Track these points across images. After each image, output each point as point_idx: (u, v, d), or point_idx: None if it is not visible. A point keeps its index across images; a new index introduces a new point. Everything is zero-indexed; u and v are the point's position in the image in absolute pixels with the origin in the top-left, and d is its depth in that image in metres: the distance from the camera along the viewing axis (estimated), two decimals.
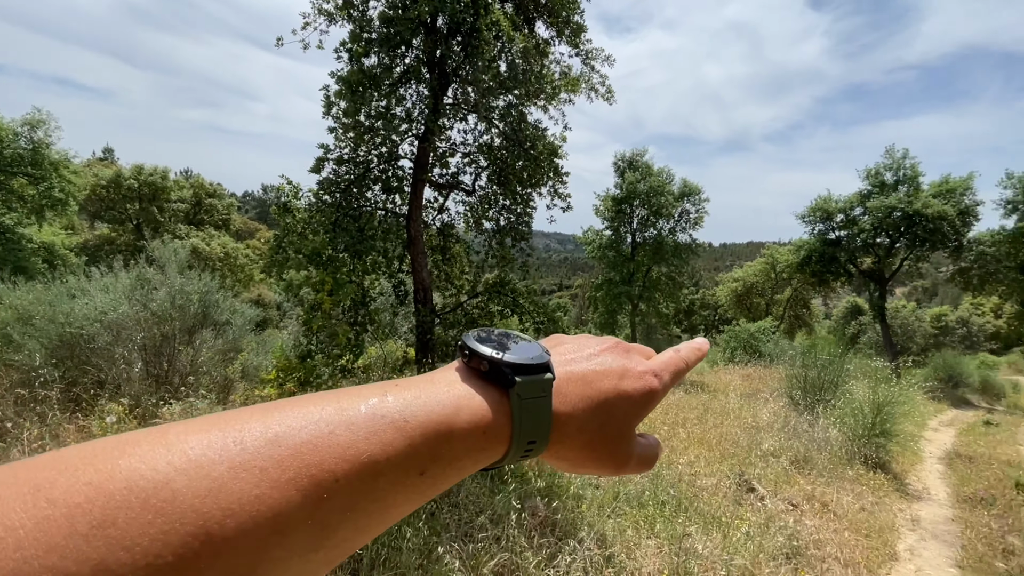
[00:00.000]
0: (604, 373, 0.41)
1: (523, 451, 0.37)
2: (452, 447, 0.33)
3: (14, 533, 0.21)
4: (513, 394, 0.36)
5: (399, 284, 7.27)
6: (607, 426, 0.40)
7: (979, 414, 13.41)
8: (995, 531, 5.19)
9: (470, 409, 0.34)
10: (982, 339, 29.41)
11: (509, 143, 7.20)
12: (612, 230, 18.06)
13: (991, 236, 17.96)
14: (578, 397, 0.39)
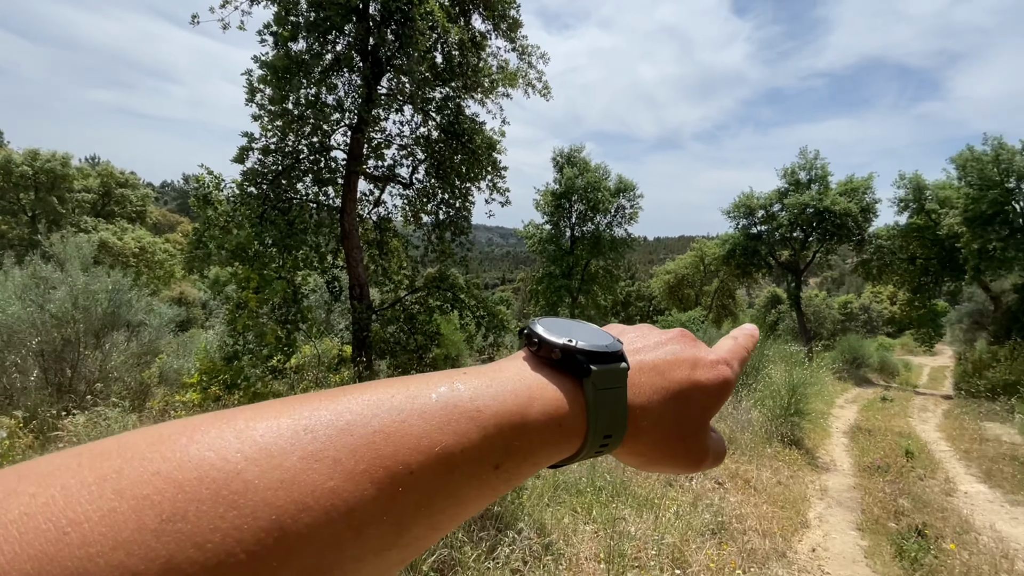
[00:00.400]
0: (676, 362, 0.38)
1: (599, 445, 0.34)
2: (527, 440, 0.30)
3: (79, 527, 0.19)
4: (588, 384, 0.33)
5: (333, 280, 7.02)
6: (684, 419, 0.37)
7: (877, 391, 14.91)
8: (888, 495, 5.80)
9: (544, 400, 0.32)
10: (880, 323, 32.72)
11: (447, 136, 7.12)
12: (552, 224, 18.37)
13: (887, 231, 19.95)
14: (652, 388, 0.36)
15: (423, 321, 6.68)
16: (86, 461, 0.21)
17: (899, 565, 4.16)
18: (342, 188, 6.63)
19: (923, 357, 25.53)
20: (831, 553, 4.48)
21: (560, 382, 0.33)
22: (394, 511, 0.25)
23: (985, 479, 6.83)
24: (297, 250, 6.25)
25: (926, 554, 4.21)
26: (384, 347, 6.28)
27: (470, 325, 7.19)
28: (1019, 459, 7.44)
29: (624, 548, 3.47)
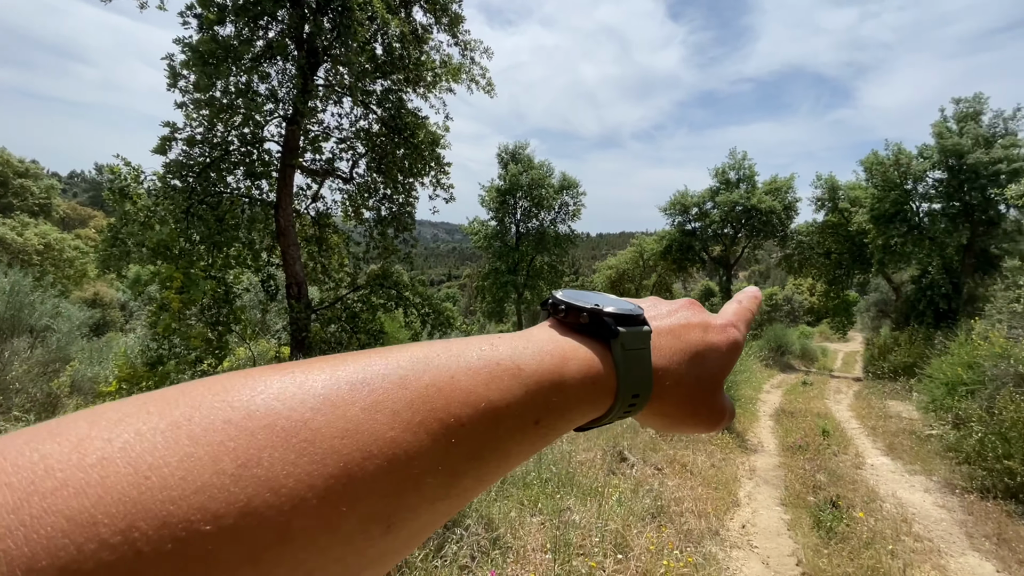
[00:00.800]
0: (689, 326, 0.40)
1: (627, 405, 0.35)
2: (564, 397, 0.31)
3: (159, 472, 0.19)
4: (616, 345, 0.35)
5: (268, 279, 6.69)
6: (703, 379, 0.39)
7: (799, 376, 16.14)
8: (807, 471, 6.31)
9: (577, 359, 0.33)
10: (801, 313, 35.38)
11: (388, 130, 6.95)
12: (497, 221, 18.42)
13: (806, 228, 21.57)
14: (672, 350, 0.38)
15: (366, 320, 6.51)
16: (155, 408, 0.21)
17: (816, 535, 4.54)
18: (277, 182, 6.32)
19: (838, 343, 27.88)
20: (759, 528, 4.82)
21: (590, 344, 0.35)
22: (448, 462, 0.26)
23: (888, 452, 7.58)
24: (228, 247, 5.90)
25: (839, 523, 4.62)
26: (325, 347, 6.07)
27: (415, 323, 7.09)
28: (916, 433, 8.31)
29: (570, 537, 3.57)
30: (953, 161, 14.79)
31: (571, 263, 33.26)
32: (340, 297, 6.92)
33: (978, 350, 8.79)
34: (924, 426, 8.61)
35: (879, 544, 4.27)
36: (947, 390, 8.64)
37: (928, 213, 15.90)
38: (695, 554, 3.92)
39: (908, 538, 4.62)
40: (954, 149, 14.71)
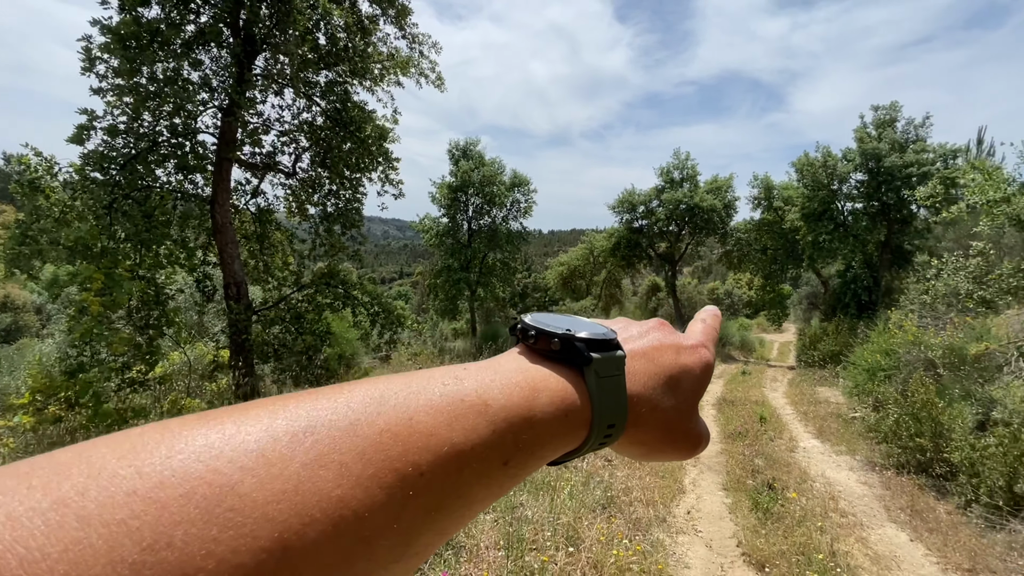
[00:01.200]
0: (662, 348, 0.38)
1: (603, 436, 0.33)
2: (536, 433, 0.29)
3: (35, 567, 0.15)
4: (590, 372, 0.32)
5: (204, 278, 6.32)
6: (679, 403, 0.38)
7: (739, 366, 17.02)
8: (747, 457, 6.67)
9: (549, 391, 0.31)
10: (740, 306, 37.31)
11: (333, 123, 6.72)
12: (449, 218, 18.23)
13: (744, 225, 22.74)
14: (646, 375, 0.36)
15: (312, 320, 6.27)
16: (39, 481, 0.17)
17: (755, 516, 4.81)
18: (213, 176, 5.97)
19: (774, 334, 29.61)
20: (703, 513, 5.05)
21: (562, 372, 0.33)
22: (405, 518, 0.23)
23: (818, 435, 8.13)
24: (158, 245, 5.51)
25: (775, 504, 4.92)
26: (267, 350, 5.80)
27: (365, 322, 6.91)
28: (841, 416, 8.96)
29: (523, 533, 3.60)
30: (872, 164, 16.02)
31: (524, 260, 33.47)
32: (284, 297, 6.63)
33: (894, 338, 9.58)
34: (848, 410, 9.30)
35: (810, 521, 4.58)
36: (868, 376, 9.37)
37: (851, 212, 17.15)
38: (643, 542, 4.05)
39: (835, 514, 4.98)
40: (873, 153, 15.93)
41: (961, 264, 3.92)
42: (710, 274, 58.74)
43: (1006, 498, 4.91)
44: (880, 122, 16.80)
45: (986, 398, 6.64)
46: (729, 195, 21.94)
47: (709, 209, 21.12)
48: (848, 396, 10.14)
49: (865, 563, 4.07)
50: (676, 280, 24.90)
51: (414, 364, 11.58)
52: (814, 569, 3.66)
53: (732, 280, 38.72)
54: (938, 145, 15.76)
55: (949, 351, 8.12)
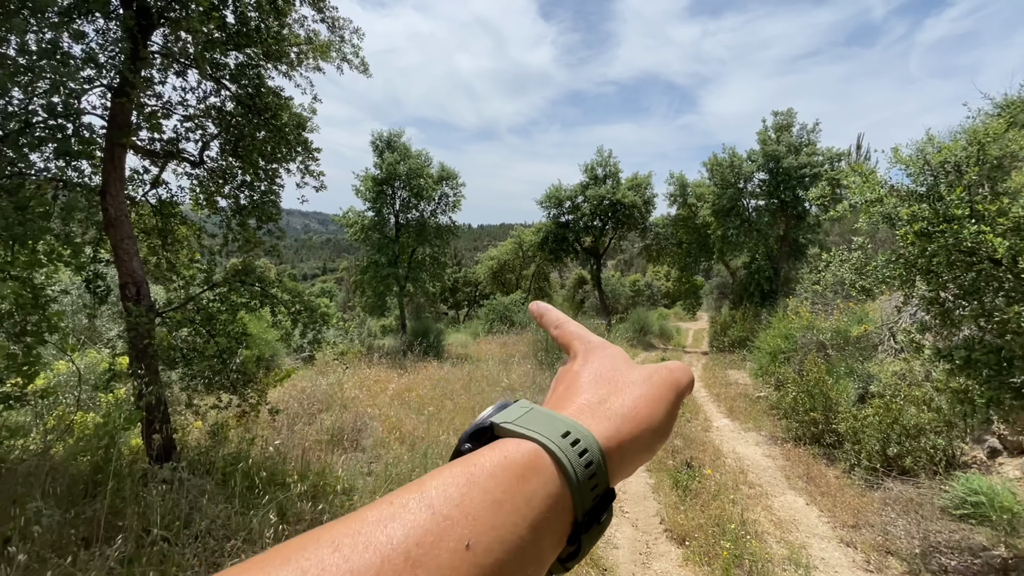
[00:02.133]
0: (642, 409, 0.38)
1: (580, 458, 0.33)
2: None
3: None
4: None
5: (95, 277, 5.65)
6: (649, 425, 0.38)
7: (659, 353, 18.05)
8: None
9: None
10: (659, 297, 39.54)
11: (245, 109, 6.24)
12: (375, 211, 17.64)
13: (662, 220, 24.09)
14: (622, 441, 0.36)
15: (226, 321, 5.82)
16: None
17: (675, 494, 5.14)
18: (103, 163, 5.33)
19: (689, 323, 31.69)
20: (629, 494, 5.32)
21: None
22: None
23: (729, 414, 8.84)
24: (35, 241, 4.83)
25: (693, 481, 5.29)
26: (175, 355, 5.31)
27: (285, 322, 6.52)
28: (748, 396, 9.80)
29: None
30: (772, 164, 17.56)
31: (453, 254, 33.20)
32: (192, 297, 6.09)
33: (791, 323, 10.61)
34: (755, 390, 10.20)
35: (723, 495, 4.98)
36: (771, 358, 10.31)
37: (755, 208, 18.71)
38: None
39: (744, 487, 5.45)
40: (773, 154, 17.47)
41: (846, 257, 4.41)
42: (631, 267, 61.61)
43: (881, 461, 5.63)
44: (779, 126, 18.45)
45: (865, 374, 7.56)
46: (648, 192, 23.11)
47: (630, 205, 22.12)
48: (754, 377, 11.10)
49: (770, 528, 4.49)
50: (601, 273, 25.88)
51: (340, 364, 11.13)
52: (728, 538, 3.99)
53: (652, 272, 40.93)
54: (826, 149, 17.60)
55: (836, 333, 9.14)
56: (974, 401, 3.57)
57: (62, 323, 4.88)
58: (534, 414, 0.35)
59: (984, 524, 4.29)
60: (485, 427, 0.35)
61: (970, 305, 3.61)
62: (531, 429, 0.33)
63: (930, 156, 3.74)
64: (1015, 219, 3.32)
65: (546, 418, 0.35)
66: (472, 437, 0.35)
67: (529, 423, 0.34)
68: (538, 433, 0.33)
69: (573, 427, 0.34)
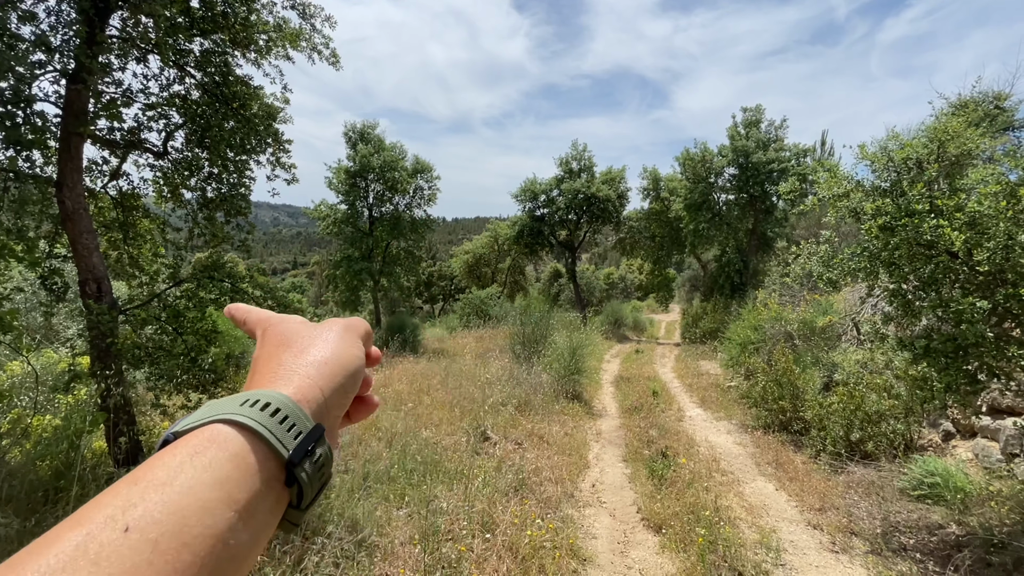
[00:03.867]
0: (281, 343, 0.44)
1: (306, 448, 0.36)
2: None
3: None
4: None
5: (52, 274, 5.38)
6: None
7: (633, 345, 18.33)
8: (642, 429, 7.24)
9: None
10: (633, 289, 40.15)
11: (212, 98, 6.02)
12: (348, 204, 17.30)
13: (636, 214, 24.40)
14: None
15: (194, 319, 5.63)
16: None
17: (652, 483, 5.25)
18: (58, 154, 5.07)
19: (662, 315, 32.26)
20: (606, 484, 5.40)
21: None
22: None
23: (701, 404, 9.06)
24: None
25: (668, 470, 5.41)
26: (139, 354, 5.11)
27: None
28: (720, 386, 10.06)
29: (438, 525, 3.59)
30: (742, 159, 17.96)
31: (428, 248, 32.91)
32: (157, 294, 5.87)
33: (760, 315, 10.91)
34: (725, 380, 10.47)
35: (697, 483, 5.10)
36: (740, 348, 10.59)
37: (726, 203, 19.13)
38: (554, 519, 4.24)
39: (717, 474, 5.60)
40: (743, 149, 17.86)
41: (814, 250, 4.55)
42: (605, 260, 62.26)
43: (845, 446, 5.87)
44: (748, 122, 18.86)
45: (830, 363, 7.84)
46: (622, 186, 23.35)
47: (605, 199, 22.31)
48: (725, 368, 11.39)
49: (743, 514, 4.63)
50: (576, 266, 26.07)
51: None
52: (702, 525, 4.10)
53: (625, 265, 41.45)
54: (792, 145, 18.10)
55: (803, 324, 9.44)
56: (933, 387, 3.75)
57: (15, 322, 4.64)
58: (211, 405, 0.36)
59: (939, 504, 4.53)
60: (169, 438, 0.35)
61: (928, 296, 3.78)
62: (203, 416, 0.34)
63: (893, 152, 3.89)
64: (971, 214, 3.49)
65: (223, 402, 0.36)
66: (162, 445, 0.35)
67: (203, 413, 0.35)
68: (210, 416, 0.34)
69: (253, 395, 0.36)
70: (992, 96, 8.80)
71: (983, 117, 8.11)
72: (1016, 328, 3.51)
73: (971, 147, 3.76)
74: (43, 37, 4.66)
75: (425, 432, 5.76)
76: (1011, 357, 3.38)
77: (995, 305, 3.40)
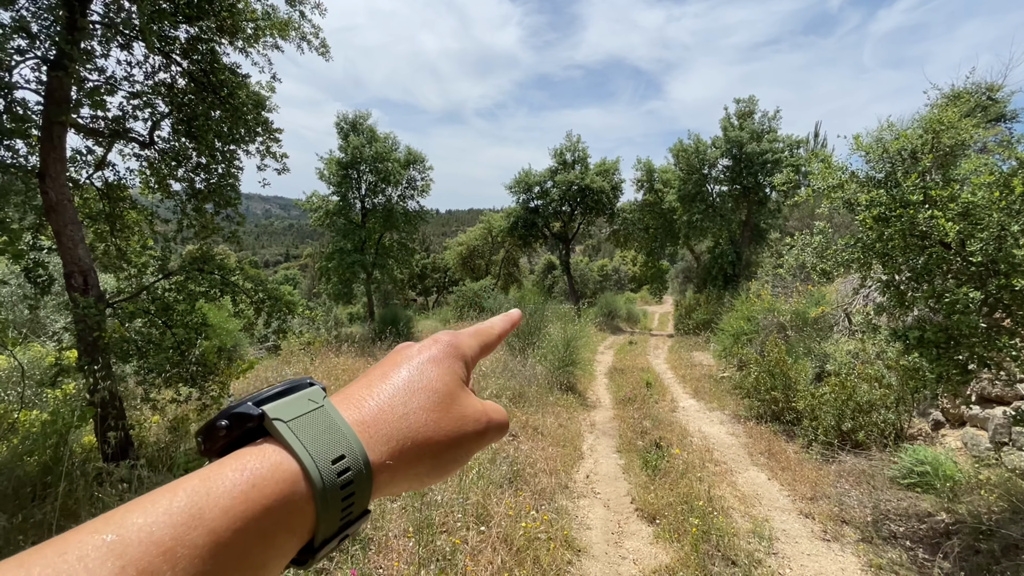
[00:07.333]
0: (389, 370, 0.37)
1: (338, 477, 0.29)
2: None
3: None
4: (272, 425, 0.30)
5: (36, 266, 5.28)
6: (438, 419, 0.35)
7: (626, 336, 18.40)
8: (636, 420, 7.26)
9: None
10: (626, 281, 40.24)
11: (199, 86, 5.90)
12: (340, 196, 17.13)
13: (629, 206, 24.37)
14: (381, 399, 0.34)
15: (184, 311, 5.55)
16: None
17: (645, 473, 5.27)
18: (40, 143, 4.95)
19: (655, 306, 32.39)
20: (600, 475, 5.42)
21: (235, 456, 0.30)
22: None
23: (694, 395, 9.11)
24: None
25: (662, 461, 5.43)
26: (128, 347, 5.04)
27: (248, 311, 6.29)
28: (712, 377, 10.11)
29: (432, 517, 3.58)
30: (736, 151, 17.95)
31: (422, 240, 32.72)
32: (146, 286, 5.78)
33: (753, 306, 10.96)
34: (718, 371, 10.53)
35: (690, 473, 5.13)
36: (733, 340, 10.65)
37: (719, 194, 19.13)
38: (549, 511, 4.24)
39: (711, 464, 5.63)
40: (736, 140, 17.84)
41: (808, 241, 4.55)
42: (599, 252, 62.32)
43: (836, 435, 5.92)
44: (741, 113, 18.83)
45: (822, 353, 7.90)
46: (616, 177, 23.29)
47: (599, 190, 22.26)
48: (718, 359, 11.46)
49: (735, 504, 4.66)
50: (570, 258, 26.06)
51: (306, 353, 10.86)
52: (696, 515, 4.12)
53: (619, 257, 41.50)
54: (786, 136, 18.10)
55: (795, 315, 9.50)
56: (924, 377, 3.78)
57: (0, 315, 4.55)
58: (317, 416, 0.31)
59: (929, 492, 4.58)
60: (252, 415, 0.30)
61: (921, 287, 3.79)
62: (303, 442, 0.29)
63: (888, 143, 3.88)
64: (964, 204, 3.49)
65: (327, 427, 0.31)
66: (235, 417, 0.30)
67: (305, 429, 0.30)
68: (308, 451, 0.29)
69: (350, 448, 0.30)
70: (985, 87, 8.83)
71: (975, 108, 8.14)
72: (1007, 318, 3.53)
73: (965, 137, 3.76)
74: (22, 22, 4.53)
75: None
76: (1002, 347, 3.40)
77: (987, 296, 3.41)
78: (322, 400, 0.32)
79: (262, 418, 0.30)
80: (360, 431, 0.32)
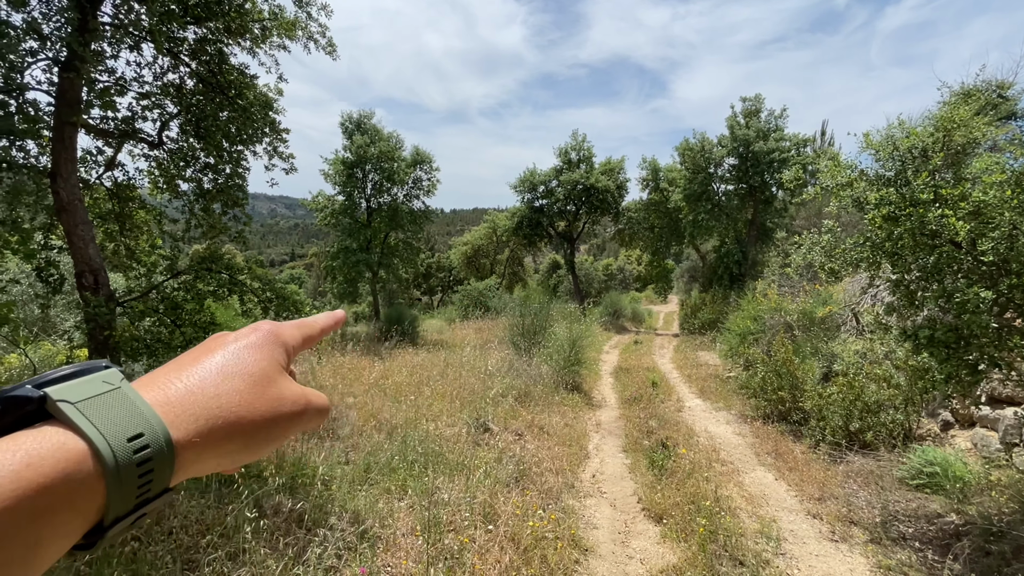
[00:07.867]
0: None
1: (134, 454, 0.29)
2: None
3: None
4: (55, 407, 0.29)
5: (48, 265, 5.33)
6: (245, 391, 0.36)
7: (632, 336, 18.36)
8: (642, 419, 7.25)
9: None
10: (631, 281, 40.15)
11: (207, 87, 5.94)
12: (345, 195, 17.18)
13: (634, 205, 24.31)
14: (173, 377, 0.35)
15: (192, 310, 5.60)
16: None
17: (652, 473, 5.26)
18: (52, 144, 5.00)
19: (660, 305, 32.29)
20: (606, 475, 5.42)
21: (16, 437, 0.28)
22: None
23: (700, 395, 9.08)
24: None
25: (668, 460, 5.42)
26: (138, 346, 5.08)
27: (255, 310, 6.32)
28: (719, 376, 10.08)
29: (439, 516, 3.59)
30: (742, 149, 17.86)
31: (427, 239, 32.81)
32: (155, 285, 5.83)
33: (760, 305, 10.91)
34: (724, 370, 10.49)
35: (697, 473, 5.11)
36: (740, 339, 10.60)
37: (725, 193, 19.05)
38: (556, 510, 4.25)
39: (717, 464, 5.61)
40: (743, 139, 17.74)
41: (817, 240, 4.52)
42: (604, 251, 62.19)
43: (844, 436, 5.89)
44: (747, 112, 18.72)
45: (829, 353, 7.85)
46: (621, 176, 23.24)
47: (604, 190, 22.21)
48: (723, 358, 11.41)
49: (742, 504, 4.65)
50: (575, 258, 26.04)
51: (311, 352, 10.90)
52: (703, 515, 4.11)
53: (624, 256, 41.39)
54: (792, 134, 17.98)
55: (802, 315, 9.45)
56: (934, 378, 3.75)
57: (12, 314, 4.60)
58: (112, 396, 0.30)
59: (938, 493, 4.55)
60: (31, 397, 0.29)
61: (931, 287, 3.76)
62: (92, 421, 0.29)
63: (899, 141, 3.85)
64: (975, 203, 3.46)
65: (123, 407, 0.30)
66: (9, 400, 0.29)
67: (96, 409, 0.29)
68: (98, 430, 0.28)
69: (149, 426, 0.30)
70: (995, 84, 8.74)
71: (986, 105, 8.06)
72: (1018, 318, 3.50)
73: (977, 135, 3.72)
74: (34, 24, 4.57)
75: (426, 423, 5.76)
76: (1013, 347, 3.37)
77: (998, 295, 3.38)
78: (119, 382, 0.32)
79: (43, 401, 0.29)
80: (164, 411, 0.32)
